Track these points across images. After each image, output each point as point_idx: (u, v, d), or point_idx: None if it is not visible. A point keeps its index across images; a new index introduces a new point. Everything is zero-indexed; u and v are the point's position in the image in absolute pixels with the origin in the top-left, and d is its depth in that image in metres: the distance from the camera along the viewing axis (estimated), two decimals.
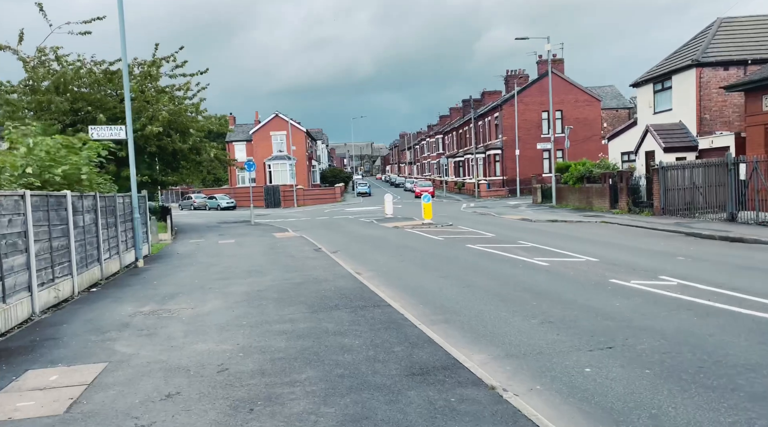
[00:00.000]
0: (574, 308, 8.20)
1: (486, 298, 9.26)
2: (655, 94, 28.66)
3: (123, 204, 15.75)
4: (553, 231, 19.92)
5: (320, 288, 10.53)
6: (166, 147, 27.26)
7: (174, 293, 10.83)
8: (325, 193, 60.74)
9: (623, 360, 5.80)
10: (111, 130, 15.35)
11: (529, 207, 35.10)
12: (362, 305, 8.79)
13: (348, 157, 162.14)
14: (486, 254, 14.48)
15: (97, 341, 7.35)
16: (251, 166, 32.14)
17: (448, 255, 14.82)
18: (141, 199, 18.49)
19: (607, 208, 27.45)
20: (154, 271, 14.51)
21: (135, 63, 28.10)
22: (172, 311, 9.13)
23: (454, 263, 13.43)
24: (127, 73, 15.81)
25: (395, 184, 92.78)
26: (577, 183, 30.88)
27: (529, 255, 13.79)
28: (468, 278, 11.26)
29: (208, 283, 11.94)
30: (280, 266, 14.13)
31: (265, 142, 63.61)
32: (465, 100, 78.23)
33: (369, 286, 10.61)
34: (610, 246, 15.04)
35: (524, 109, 49.29)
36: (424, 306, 8.92)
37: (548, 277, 10.84)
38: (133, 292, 11.30)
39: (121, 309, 9.51)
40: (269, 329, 7.59)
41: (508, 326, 7.40)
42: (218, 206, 53.35)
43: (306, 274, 12.45)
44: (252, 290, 10.67)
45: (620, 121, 53.05)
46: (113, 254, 14.30)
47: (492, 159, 52.16)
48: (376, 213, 36.27)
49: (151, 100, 27.26)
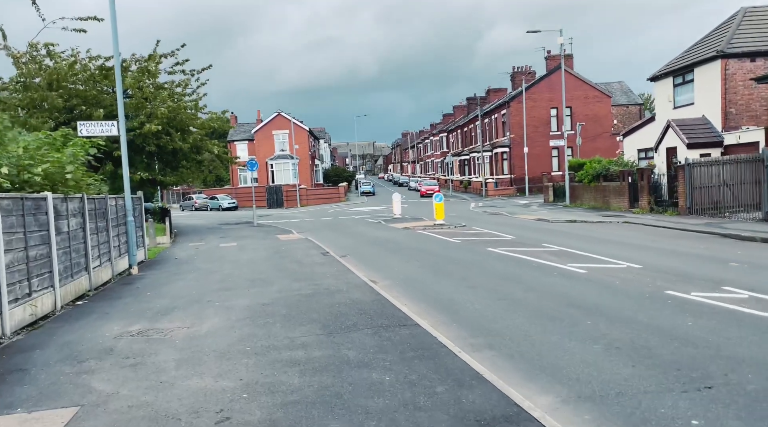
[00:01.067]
0: (639, 328, 6.93)
1: (528, 315, 8.00)
2: (675, 88, 27.34)
3: (116, 206, 14.52)
4: (577, 233, 18.64)
5: (333, 301, 9.27)
6: (166, 146, 26.05)
7: (168, 308, 9.58)
8: (328, 192, 59.51)
9: (736, 408, 4.53)
10: (102, 126, 14.12)
11: (541, 206, 33.81)
12: (385, 324, 7.54)
13: (350, 157, 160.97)
14: (512, 260, 13.21)
15: (72, 374, 6.10)
16: (253, 166, 30.90)
17: (470, 261, 13.55)
18: (136, 200, 17.26)
19: (626, 207, 26.16)
20: (149, 279, 13.26)
21: (133, 59, 26.91)
22: (164, 332, 7.88)
23: (479, 269, 12.16)
24: (119, 65, 14.58)
25: (398, 184, 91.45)
26: (593, 181, 29.58)
27: (560, 260, 12.52)
28: (500, 288, 9.99)
29: (207, 294, 10.69)
30: (287, 273, 12.88)
31: (268, 142, 62.37)
32: (470, 97, 76.95)
33: (388, 298, 9.36)
34: (647, 250, 13.76)
35: (532, 106, 47.99)
36: (459, 326, 7.66)
37: (592, 288, 9.56)
38: (123, 306, 10.05)
39: (106, 328, 8.26)
40: (278, 357, 6.34)
41: (567, 355, 6.14)
42: (220, 207, 52.14)
43: (316, 283, 11.20)
44: (256, 304, 9.41)
45: (631, 118, 51.76)
46: (104, 262, 13.07)
47: (499, 157, 50.86)
48: (383, 213, 35.02)
49: (149, 97, 26.05)
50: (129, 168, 25.84)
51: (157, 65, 27.24)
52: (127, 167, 14.43)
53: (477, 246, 16.19)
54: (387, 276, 12.16)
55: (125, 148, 14.41)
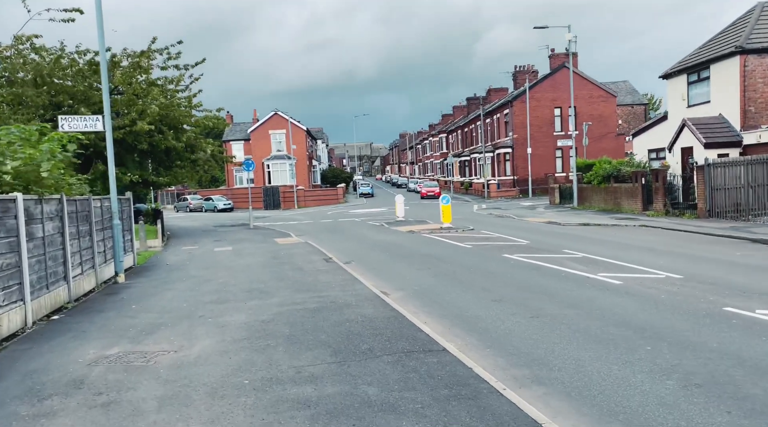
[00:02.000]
0: (712, 357, 5.83)
1: (573, 337, 6.88)
2: (690, 86, 26.31)
3: (101, 208, 13.35)
4: (594, 237, 17.55)
5: (343, 318, 8.14)
6: (159, 145, 24.87)
7: (155, 324, 8.43)
8: (326, 194, 58.34)
9: None
10: (86, 121, 12.95)
11: (547, 209, 32.74)
12: (407, 350, 6.41)
13: (347, 158, 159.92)
14: (534, 268, 12.09)
15: (27, 419, 4.94)
16: (250, 166, 29.73)
17: (488, 269, 12.43)
18: (124, 202, 16.09)
19: (639, 210, 25.11)
20: (136, 289, 12.10)
21: (124, 54, 25.74)
22: (147, 356, 6.73)
23: (500, 279, 11.04)
24: (104, 54, 13.42)
25: (397, 185, 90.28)
26: (603, 183, 28.53)
27: (589, 269, 11.41)
28: (530, 302, 8.87)
29: (198, 307, 9.54)
30: (287, 282, 11.74)
31: (264, 142, 61.16)
32: (470, 97, 75.96)
33: (405, 314, 8.23)
34: (679, 257, 12.67)
35: (536, 106, 46.96)
36: (494, 351, 6.53)
37: (636, 303, 8.45)
38: (103, 321, 8.89)
39: (80, 351, 7.11)
40: (283, 394, 5.20)
41: (637, 393, 5.01)
42: (215, 208, 50.92)
43: (321, 295, 10.06)
44: (254, 321, 8.27)
45: (636, 118, 50.80)
46: (87, 269, 11.90)
47: (501, 158, 49.80)
48: (384, 215, 33.88)
49: (140, 94, 24.89)
50: (119, 168, 24.74)
51: (149, 61, 26.08)
52: (113, 166, 13.27)
53: (491, 252, 15.07)
54: (399, 286, 11.03)
55: (111, 145, 13.25)
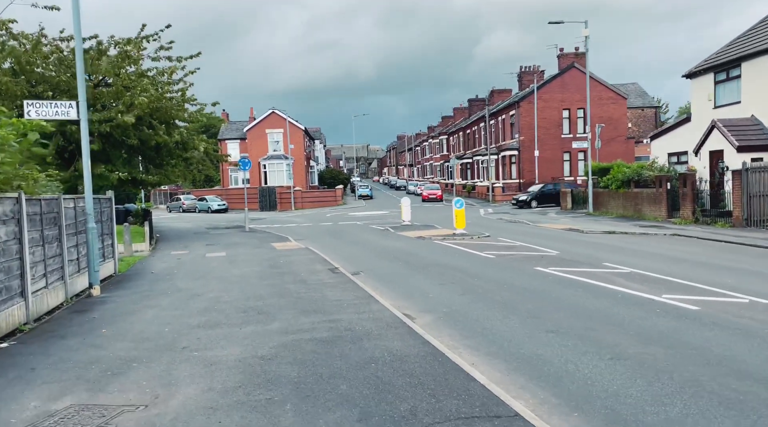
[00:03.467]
0: None
1: (683, 394, 5.11)
2: (717, 86, 24.68)
3: (75, 210, 11.53)
4: (629, 247, 15.83)
5: (365, 356, 6.36)
6: (148, 141, 23.04)
7: (126, 359, 6.63)
8: (324, 195, 56.50)
9: None
10: (57, 107, 11.13)
11: (560, 214, 31.05)
12: (464, 413, 4.64)
13: (344, 159, 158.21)
14: (579, 286, 10.34)
15: None
16: (246, 165, 27.90)
17: (524, 285, 10.67)
18: (105, 202, 14.26)
19: (664, 217, 23.44)
20: (112, 305, 10.28)
21: (111, 41, 23.90)
22: (107, 416, 4.93)
23: (543, 300, 9.28)
24: (79, 28, 11.61)
25: (395, 187, 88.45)
26: (622, 187, 26.85)
27: (647, 289, 9.66)
28: (596, 335, 7.11)
29: (183, 333, 7.74)
30: (290, 299, 9.95)
31: (261, 141, 59.27)
32: (472, 99, 74.42)
33: (444, 350, 6.46)
34: (745, 274, 10.94)
35: (543, 107, 45.31)
36: (588, 418, 4.75)
37: (738, 340, 6.68)
38: (61, 352, 7.08)
39: (16, 405, 5.30)
40: None
41: None
42: (209, 209, 49.02)
43: (332, 319, 8.28)
44: (252, 357, 6.48)
45: (646, 121, 49.26)
46: (53, 282, 10.07)
47: (507, 160, 48.10)
48: (387, 219, 32.12)
49: (130, 85, 23.06)
50: (106, 165, 22.89)
51: (139, 50, 24.23)
52: (88, 160, 11.44)
53: (520, 264, 13.31)
54: (424, 307, 9.26)
55: (86, 136, 11.44)
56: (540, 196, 37.40)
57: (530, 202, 37.03)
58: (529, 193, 38.09)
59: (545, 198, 37.30)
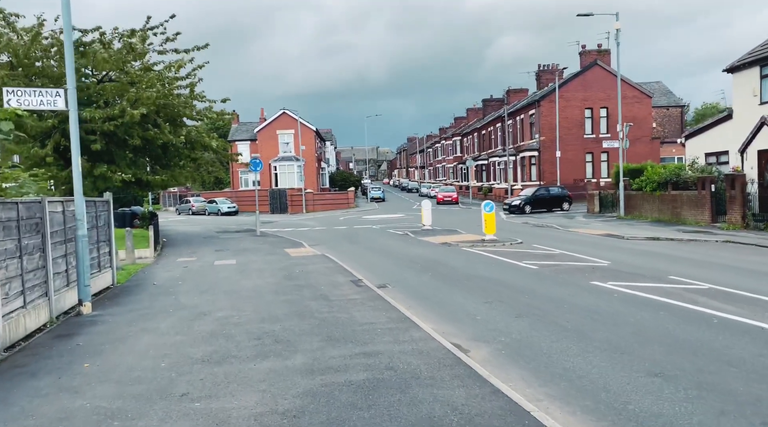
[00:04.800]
0: None
1: None
2: (764, 80, 22.86)
3: (63, 214, 10.02)
4: (689, 257, 14.12)
5: (421, 414, 4.76)
6: (155, 140, 21.62)
7: (104, 415, 5.07)
8: (336, 198, 54.98)
9: None
10: (41, 95, 9.63)
11: (587, 217, 29.31)
12: None
13: (354, 162, 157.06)
14: (659, 307, 8.66)
15: None
16: (257, 165, 26.40)
17: (587, 305, 9.01)
18: (101, 205, 12.75)
19: (707, 221, 21.67)
20: (102, 327, 8.75)
21: (115, 34, 22.53)
22: None
23: (620, 326, 7.62)
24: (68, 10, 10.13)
25: (407, 189, 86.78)
26: (658, 190, 25.08)
27: (749, 313, 7.97)
28: (720, 381, 5.45)
29: (183, 373, 6.18)
30: (312, 321, 8.38)
31: (271, 142, 57.87)
32: (486, 99, 72.67)
33: (530, 409, 4.84)
34: None
35: (564, 106, 43.52)
36: None
37: None
38: (24, 403, 5.52)
39: None
40: None
41: None
42: (219, 211, 47.64)
43: (366, 350, 6.70)
44: (271, 413, 4.90)
45: (672, 121, 47.33)
46: (35, 299, 8.57)
47: (527, 162, 46.33)
48: (404, 222, 30.54)
49: (135, 80, 21.66)
50: (109, 166, 21.45)
51: (144, 43, 22.83)
52: (77, 157, 9.92)
53: (570, 277, 11.65)
54: (475, 334, 7.65)
55: (76, 128, 9.92)
56: (534, 201, 34.81)
57: (523, 207, 34.27)
58: (521, 198, 35.49)
59: (539, 203, 34.76)
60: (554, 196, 35.66)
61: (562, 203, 35.36)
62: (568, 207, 35.10)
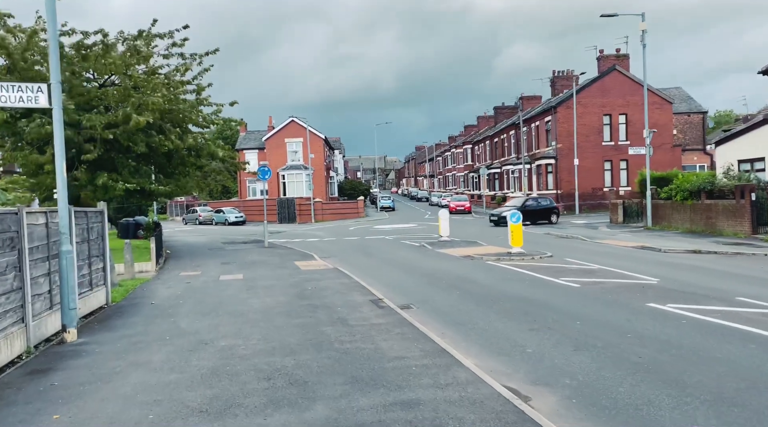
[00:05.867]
0: None
1: None
2: None
3: (47, 227, 8.79)
4: (748, 274, 12.69)
5: None
6: (159, 147, 20.46)
7: None
8: (346, 207, 53.76)
9: None
10: (21, 91, 8.43)
11: (612, 228, 27.87)
12: None
13: (362, 171, 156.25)
14: (749, 339, 7.27)
15: None
16: (266, 173, 25.19)
17: (656, 335, 7.63)
18: (94, 216, 11.51)
19: (747, 232, 20.19)
20: (86, 360, 7.48)
21: (120, 37, 21.50)
22: None
23: (713, 366, 6.25)
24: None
25: (416, 198, 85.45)
26: (690, 199, 23.63)
27: None
28: None
29: None
30: (331, 354, 7.06)
31: (280, 150, 56.82)
32: (497, 106, 71.47)
33: None
34: None
35: (582, 112, 42.16)
36: None
37: None
38: None
39: None
40: None
41: None
42: (226, 221, 46.50)
43: (404, 400, 5.37)
44: None
45: (693, 128, 45.82)
46: (8, 326, 7.32)
47: (543, 170, 44.93)
48: (417, 233, 29.24)
49: (140, 85, 20.58)
50: (110, 174, 20.29)
51: (150, 46, 21.75)
52: (62, 161, 8.67)
53: (620, 297, 10.27)
54: (531, 374, 6.30)
55: (60, 127, 8.71)
56: (523, 213, 30.98)
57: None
58: (509, 209, 32.82)
59: (528, 215, 31.31)
60: (543, 208, 33.45)
61: (550, 215, 33.02)
62: (556, 219, 32.97)
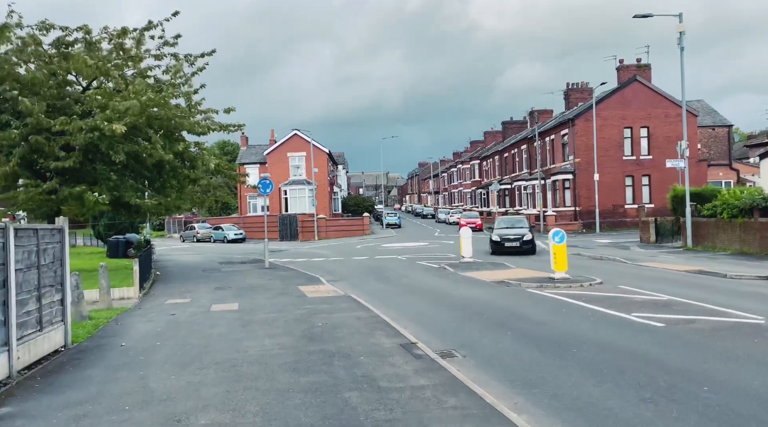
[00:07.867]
0: None
1: None
2: None
3: None
4: None
5: None
6: (143, 156, 18.14)
7: None
8: (351, 224, 51.31)
9: None
10: None
11: (643, 247, 25.44)
12: None
13: (365, 187, 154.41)
14: None
15: None
16: (267, 186, 22.84)
17: None
18: (49, 235, 9.07)
19: None
20: None
21: (106, 34, 19.40)
22: None
23: None
24: None
25: (421, 215, 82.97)
26: (740, 216, 21.21)
27: None
28: None
29: None
30: None
31: (282, 165, 54.59)
32: (506, 121, 69.58)
33: None
34: None
35: (601, 125, 39.90)
36: None
37: None
38: None
39: None
40: None
41: None
42: (224, 238, 44.07)
43: None
44: None
45: (718, 142, 43.56)
46: None
47: (560, 185, 42.57)
48: (431, 252, 26.85)
49: (120, 88, 18.36)
50: (82, 185, 17.87)
51: (138, 45, 19.59)
52: None
53: (733, 346, 7.79)
54: None
55: None
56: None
57: None
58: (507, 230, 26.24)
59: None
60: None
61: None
62: None
